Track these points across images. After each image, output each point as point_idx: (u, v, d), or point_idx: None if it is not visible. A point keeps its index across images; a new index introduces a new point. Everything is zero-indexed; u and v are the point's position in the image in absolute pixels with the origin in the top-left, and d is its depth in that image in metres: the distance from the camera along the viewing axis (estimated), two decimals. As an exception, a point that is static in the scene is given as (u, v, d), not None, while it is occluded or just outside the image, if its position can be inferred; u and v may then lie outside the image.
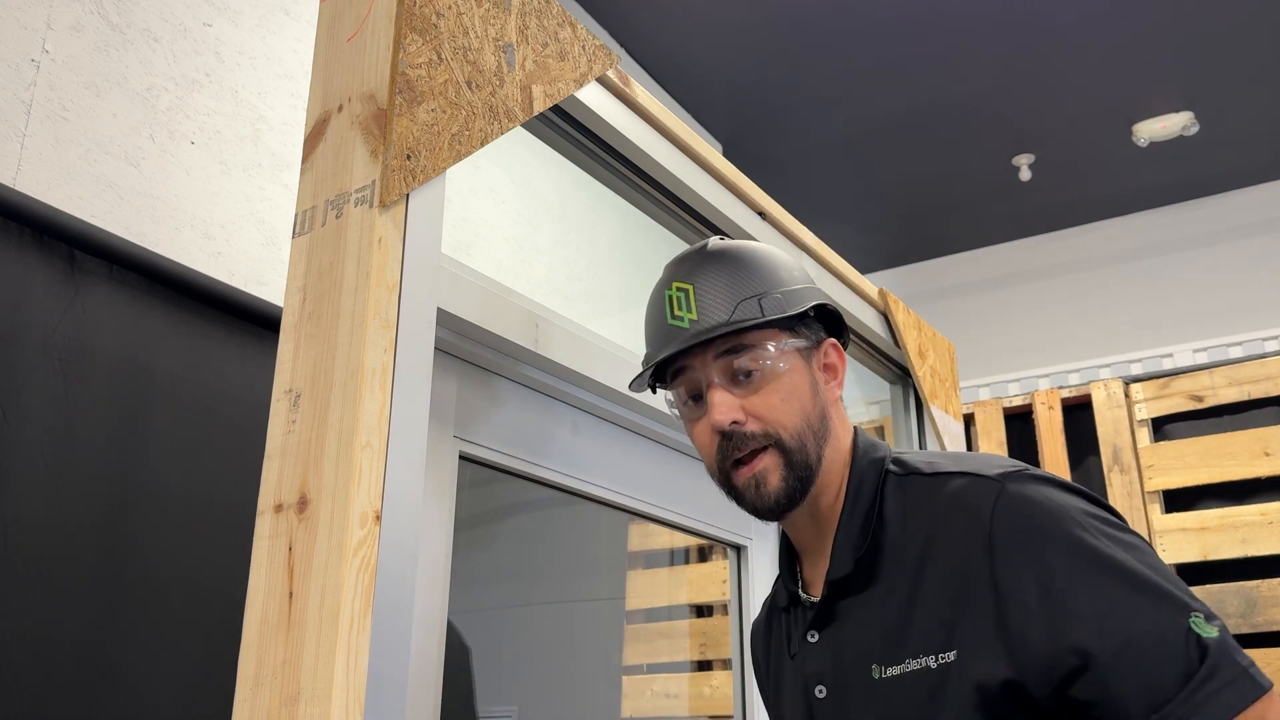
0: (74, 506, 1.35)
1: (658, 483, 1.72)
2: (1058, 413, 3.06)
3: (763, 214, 1.79)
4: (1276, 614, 2.54)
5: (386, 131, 0.99)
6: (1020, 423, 3.18)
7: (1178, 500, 2.83)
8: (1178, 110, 3.91)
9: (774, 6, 3.31)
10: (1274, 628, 2.54)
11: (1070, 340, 4.65)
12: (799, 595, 1.09)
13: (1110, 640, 0.82)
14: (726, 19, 3.37)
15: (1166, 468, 2.82)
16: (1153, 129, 3.99)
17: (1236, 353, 3.65)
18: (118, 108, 1.64)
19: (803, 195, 4.31)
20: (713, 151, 1.66)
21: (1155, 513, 2.81)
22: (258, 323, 1.64)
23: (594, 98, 1.40)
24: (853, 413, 2.47)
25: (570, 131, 1.43)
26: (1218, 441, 2.77)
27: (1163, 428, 2.93)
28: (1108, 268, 4.74)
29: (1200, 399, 2.87)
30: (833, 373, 1.08)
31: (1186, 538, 2.72)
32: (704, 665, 2.20)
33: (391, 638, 0.92)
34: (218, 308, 1.60)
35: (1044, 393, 3.12)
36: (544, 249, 2.70)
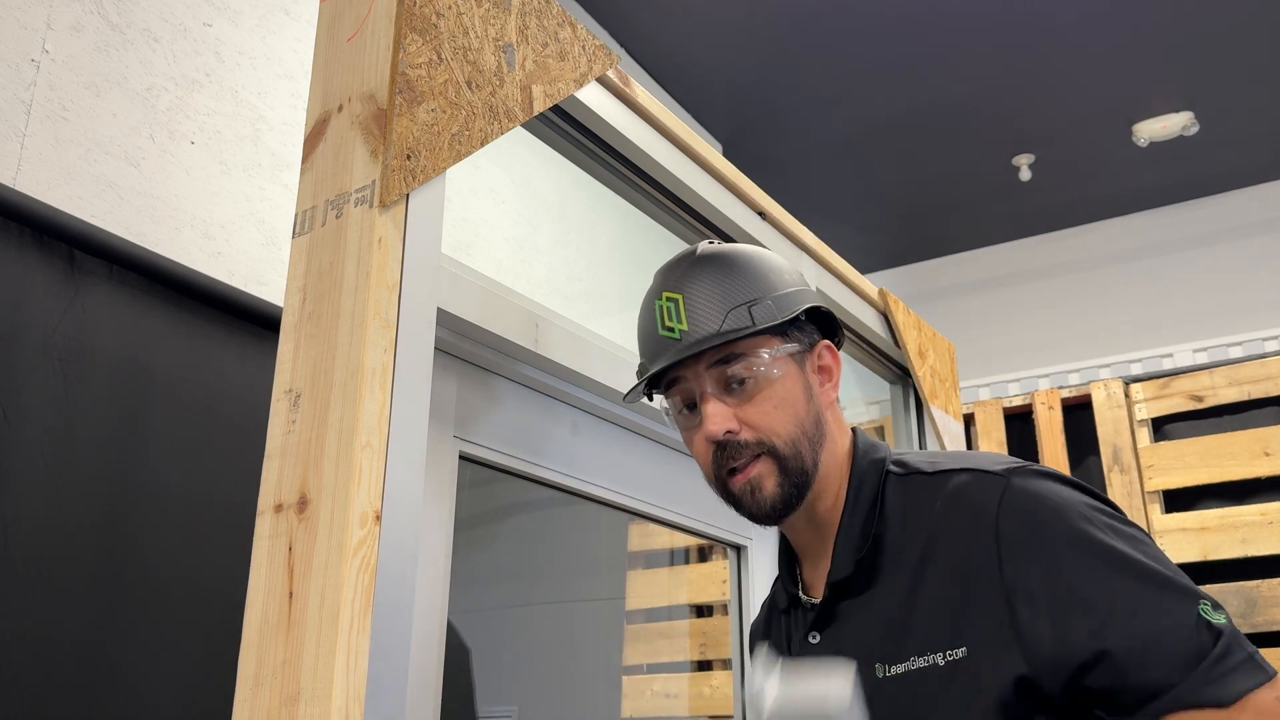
0: (74, 506, 1.35)
1: (658, 483, 1.72)
2: (1058, 413, 3.06)
3: (763, 214, 1.79)
4: (1276, 614, 2.54)
5: (386, 131, 0.99)
6: (1020, 423, 3.18)
7: (1178, 500, 2.83)
8: (1178, 110, 3.91)
9: (774, 6, 3.31)
10: (1274, 628, 2.54)
11: (1070, 340, 4.65)
12: (799, 597, 1.09)
13: (1122, 630, 0.83)
14: (726, 19, 3.37)
15: (1166, 468, 2.82)
16: (1153, 129, 3.99)
17: (1236, 353, 3.65)
18: (118, 108, 1.64)
19: (803, 195, 4.31)
20: (713, 151, 1.66)
21: (1155, 513, 2.81)
22: (258, 323, 1.64)
23: (594, 98, 1.40)
24: (853, 413, 2.47)
25: (570, 131, 1.43)
26: (1218, 441, 2.77)
27: (1163, 428, 2.93)
28: (1108, 268, 4.74)
29: (1200, 399, 2.87)
30: (827, 375, 1.08)
31: (1186, 538, 2.72)
32: (704, 665, 2.20)
33: (391, 638, 0.92)
34: (218, 308, 1.60)
35: (1044, 393, 3.12)
36: (544, 249, 2.70)
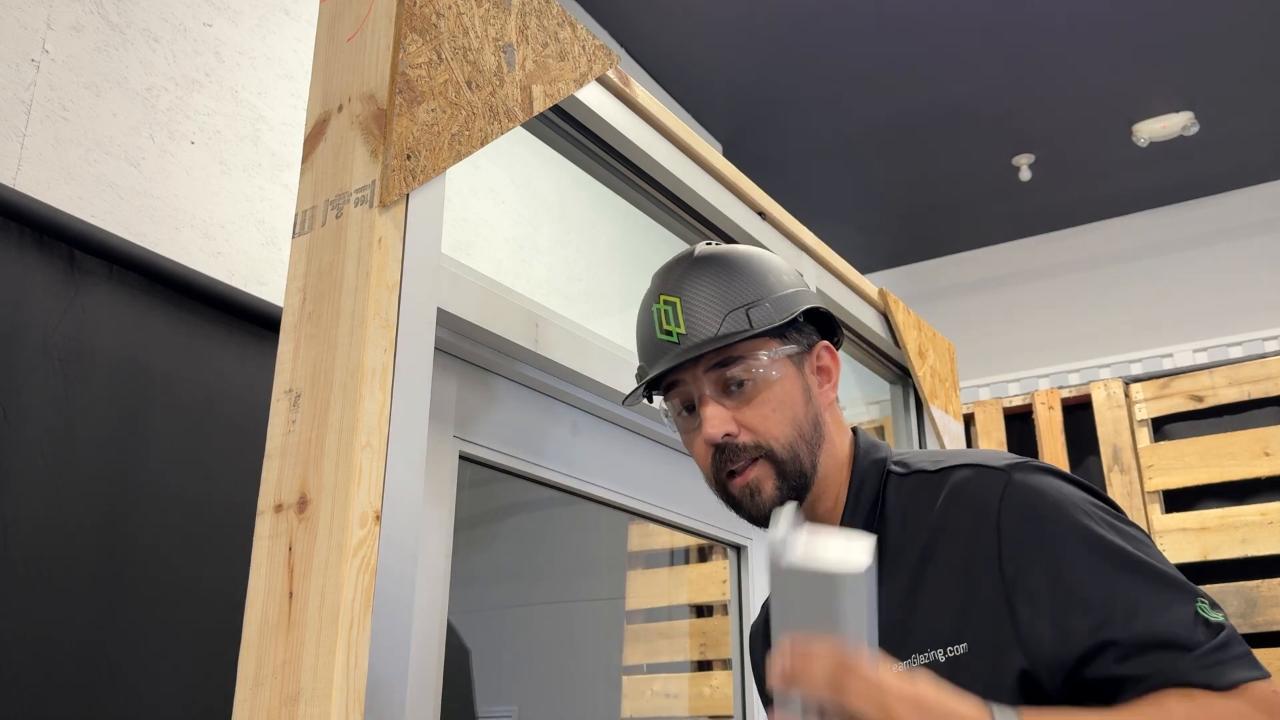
0: (74, 506, 1.35)
1: (658, 483, 1.72)
2: (1058, 413, 3.06)
3: (763, 214, 1.79)
4: (1276, 614, 2.54)
5: (386, 131, 0.99)
6: (1020, 423, 3.17)
7: (1178, 500, 2.83)
8: (1178, 110, 3.91)
9: (774, 6, 3.31)
10: (1274, 628, 2.54)
11: (1070, 340, 4.65)
12: None
13: (1121, 626, 0.83)
14: (726, 19, 3.37)
15: (1166, 468, 2.82)
16: (1153, 129, 3.99)
17: (1236, 353, 3.65)
18: (118, 108, 1.64)
19: (803, 195, 4.31)
20: (713, 151, 1.66)
21: (1155, 513, 2.81)
22: (258, 323, 1.64)
23: (594, 98, 1.40)
24: (853, 413, 2.47)
25: (570, 131, 1.43)
26: (1218, 441, 2.77)
27: (1163, 428, 2.93)
28: (1108, 268, 4.74)
29: (1200, 399, 2.87)
30: (826, 375, 1.08)
31: (1186, 538, 2.72)
32: (704, 665, 2.20)
33: (391, 638, 0.92)
34: (218, 308, 1.60)
35: (1044, 393, 3.12)
36: (544, 249, 2.70)
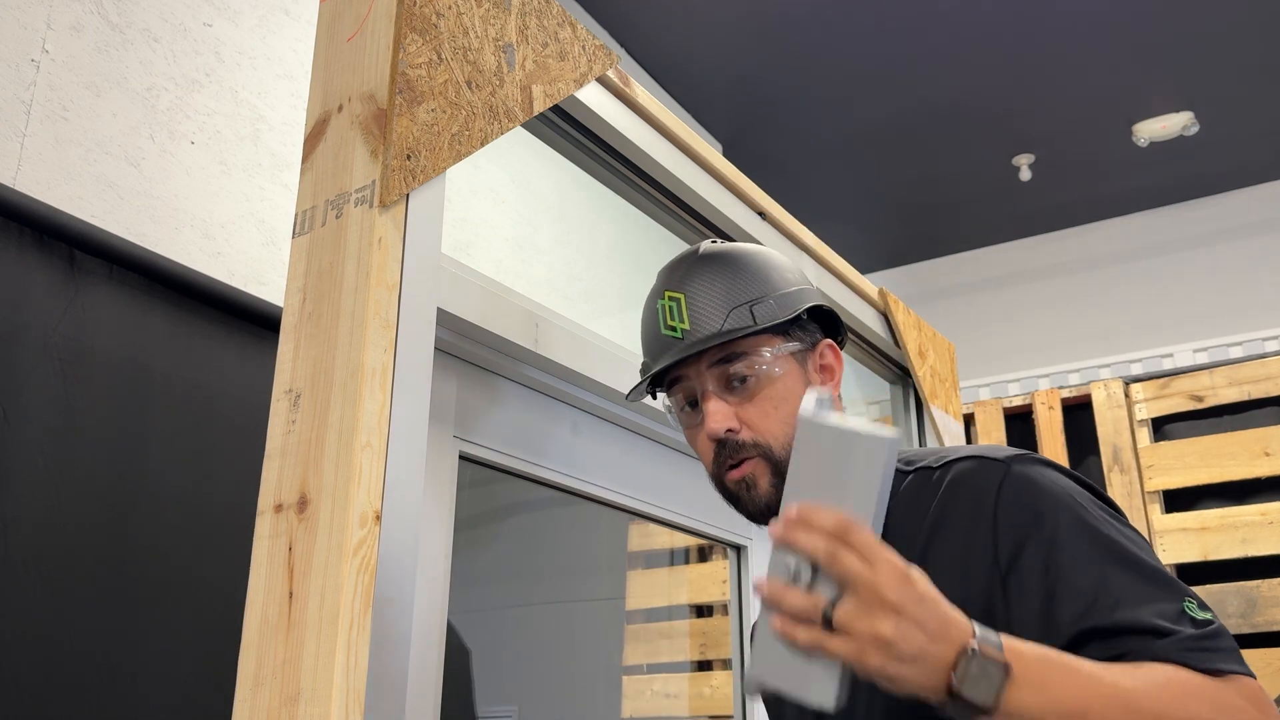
0: (74, 506, 1.35)
1: (658, 483, 1.72)
2: (1058, 413, 3.06)
3: (763, 214, 1.79)
4: (1276, 614, 2.54)
5: (386, 131, 0.99)
6: (1020, 423, 3.18)
7: (1178, 500, 2.83)
8: (1178, 110, 3.91)
9: (774, 6, 3.31)
10: (1274, 628, 2.54)
11: (1070, 340, 4.65)
12: None
13: (1105, 615, 0.83)
14: (726, 19, 3.37)
15: (1166, 468, 2.82)
16: (1153, 129, 3.99)
17: (1236, 353, 3.65)
18: (118, 108, 1.64)
19: (803, 195, 4.31)
20: (713, 151, 1.66)
21: (1155, 513, 2.81)
22: (258, 323, 1.64)
23: (594, 98, 1.40)
24: (852, 413, 2.47)
25: (570, 131, 1.43)
26: (1218, 441, 2.77)
27: (1163, 428, 2.93)
28: (1108, 268, 4.73)
29: (1200, 399, 2.87)
30: (829, 374, 1.09)
31: (1186, 538, 2.72)
32: (704, 665, 2.20)
33: (391, 638, 0.92)
34: (218, 308, 1.60)
35: (1044, 393, 3.12)
36: (544, 249, 2.70)
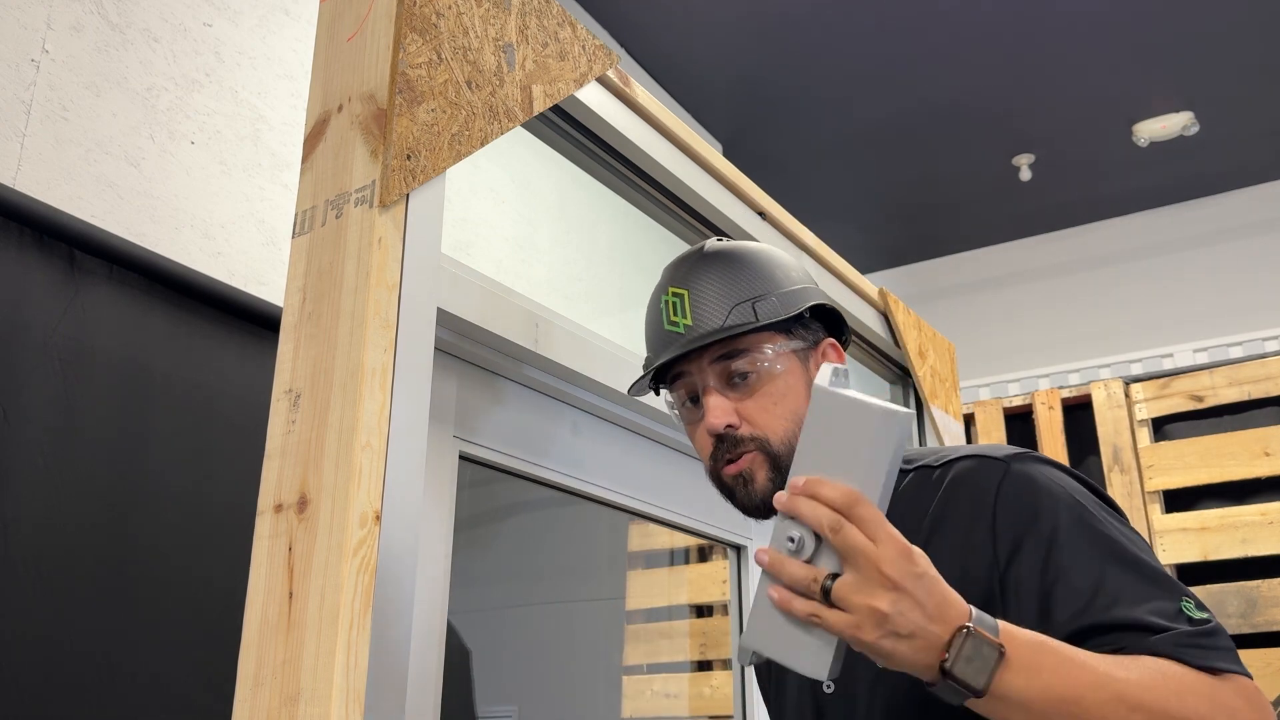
0: (74, 506, 1.35)
1: (658, 483, 1.72)
2: (1058, 413, 3.06)
3: (763, 214, 1.79)
4: (1276, 614, 2.54)
5: (386, 131, 0.99)
6: (1020, 423, 3.18)
7: (1178, 500, 2.83)
8: (1178, 110, 3.91)
9: (774, 6, 3.31)
10: (1274, 628, 2.54)
11: (1070, 340, 4.65)
12: None
13: (1100, 609, 0.83)
14: (726, 19, 3.37)
15: (1166, 468, 2.82)
16: (1153, 129, 3.98)
17: (1236, 353, 3.65)
18: (118, 108, 1.64)
19: (803, 195, 4.31)
20: (713, 151, 1.66)
21: (1155, 513, 2.81)
22: (258, 323, 1.64)
23: (594, 98, 1.40)
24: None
25: (570, 131, 1.43)
26: (1218, 441, 2.77)
27: (1163, 428, 2.93)
28: (1108, 268, 4.73)
29: (1200, 399, 2.87)
30: None
31: (1186, 538, 2.72)
32: (704, 665, 2.20)
33: (391, 638, 0.92)
34: (218, 308, 1.60)
35: (1044, 393, 3.12)
36: (544, 249, 2.70)
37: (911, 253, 5.13)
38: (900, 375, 2.34)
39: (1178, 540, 2.73)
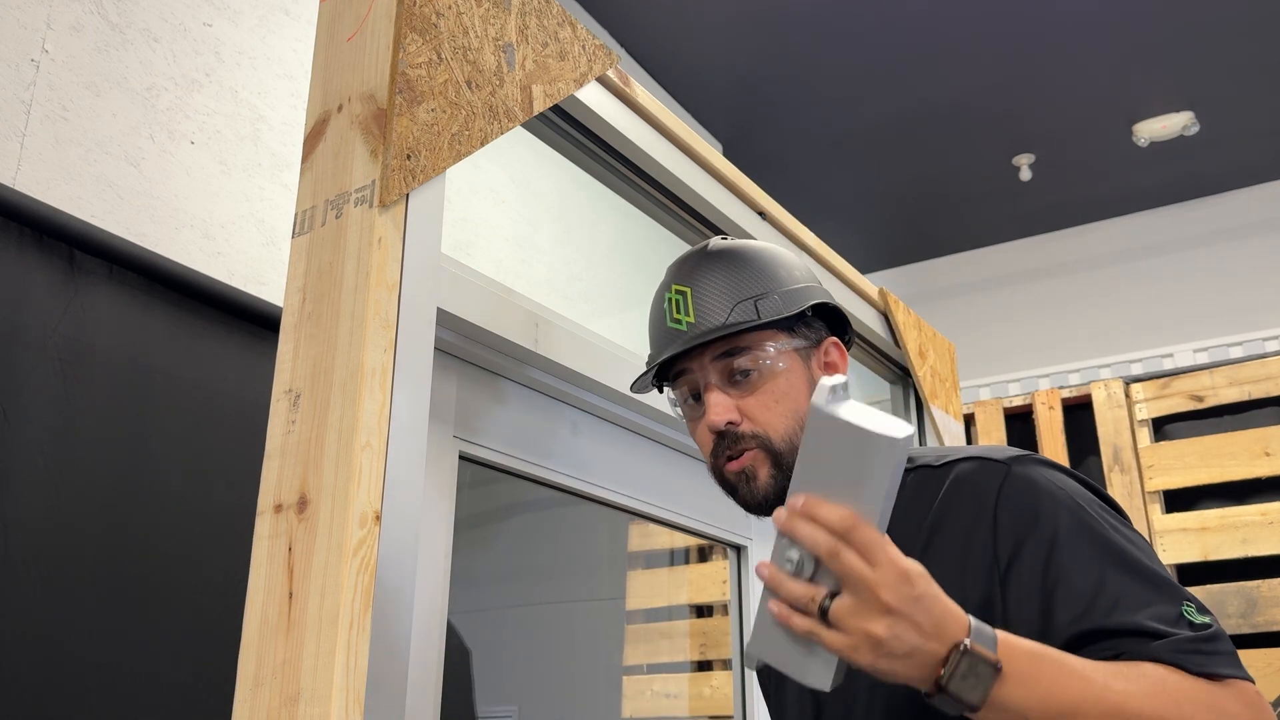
0: (74, 506, 1.35)
1: (658, 483, 1.72)
2: (1058, 413, 3.06)
3: (763, 214, 1.79)
4: (1276, 614, 2.54)
5: (386, 131, 0.99)
6: (1020, 423, 3.17)
7: (1178, 500, 2.83)
8: (1178, 110, 3.91)
9: (774, 6, 3.31)
10: (1274, 628, 2.54)
11: (1070, 340, 4.65)
12: None
13: (1101, 617, 0.83)
14: (727, 18, 3.37)
15: (1167, 468, 2.82)
16: (1153, 129, 3.98)
17: (1236, 353, 3.65)
18: (118, 108, 1.64)
19: (803, 195, 4.31)
20: (713, 151, 1.66)
21: (1155, 513, 2.81)
22: (258, 323, 1.64)
23: (594, 98, 1.40)
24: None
25: (570, 131, 1.43)
26: (1218, 441, 2.77)
27: (1163, 428, 2.93)
28: (1108, 268, 4.73)
29: (1200, 399, 2.87)
30: (833, 371, 1.09)
31: (1187, 538, 2.72)
32: (704, 665, 2.20)
33: (391, 638, 0.92)
34: (218, 308, 1.60)
35: (1044, 393, 3.12)
36: (544, 249, 2.70)
37: (911, 253, 5.13)
38: (900, 375, 2.34)
39: (1178, 540, 2.73)
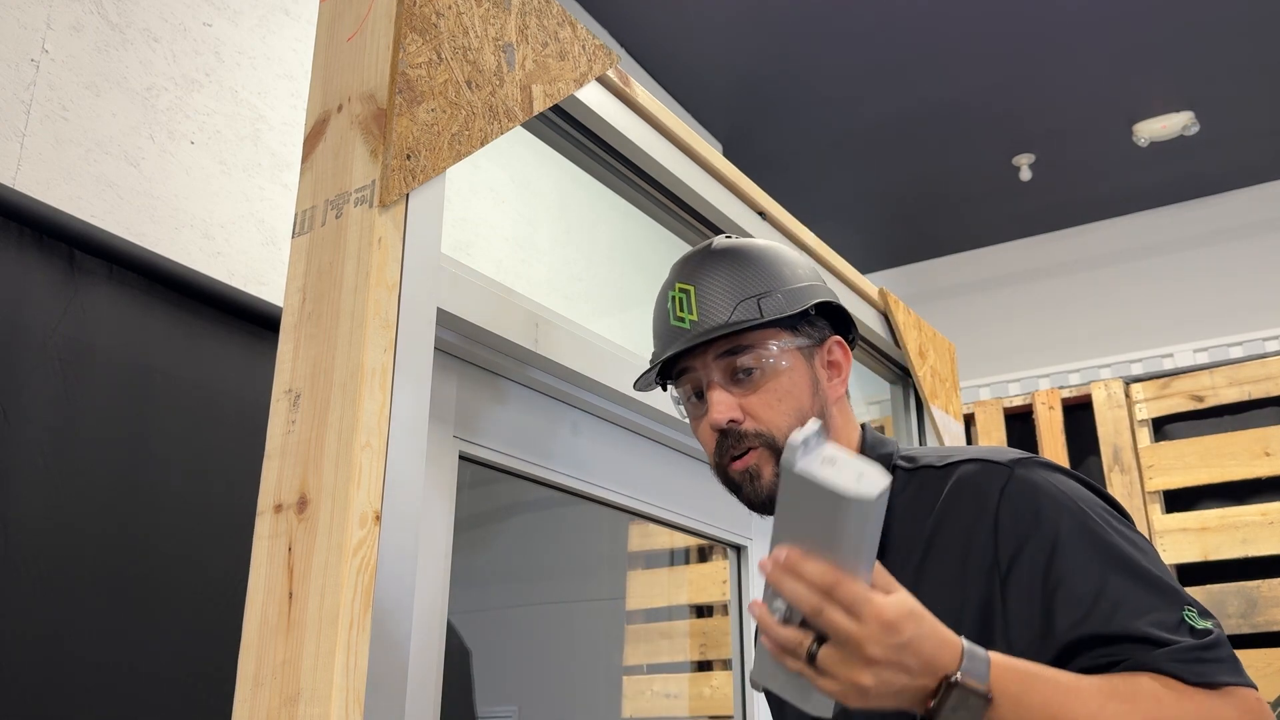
0: (74, 506, 1.35)
1: (658, 483, 1.72)
2: (1058, 413, 3.06)
3: (763, 214, 1.79)
4: (1276, 614, 2.54)
5: (386, 131, 0.99)
6: (1021, 423, 3.17)
7: (1178, 500, 2.83)
8: (1178, 110, 3.91)
9: (774, 6, 3.31)
10: (1274, 628, 2.54)
11: (1070, 340, 4.64)
12: None
13: (1101, 621, 0.83)
14: (726, 18, 3.37)
15: (1167, 468, 2.82)
16: (1153, 129, 3.98)
17: (1236, 353, 3.65)
18: (118, 108, 1.64)
19: (803, 195, 4.30)
20: (713, 151, 1.66)
21: (1155, 513, 2.81)
22: (258, 323, 1.64)
23: (594, 98, 1.40)
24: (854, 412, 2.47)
25: (570, 131, 1.43)
26: (1218, 441, 2.77)
27: (1163, 428, 2.93)
28: (1108, 268, 4.73)
29: (1200, 399, 2.87)
30: (836, 370, 1.09)
31: (1187, 538, 2.72)
32: (704, 665, 2.20)
33: (391, 638, 0.92)
34: (218, 308, 1.60)
35: (1044, 393, 3.12)
36: (544, 249, 2.70)
37: (911, 253, 5.13)
38: (900, 375, 2.34)
39: (1178, 540, 2.73)
